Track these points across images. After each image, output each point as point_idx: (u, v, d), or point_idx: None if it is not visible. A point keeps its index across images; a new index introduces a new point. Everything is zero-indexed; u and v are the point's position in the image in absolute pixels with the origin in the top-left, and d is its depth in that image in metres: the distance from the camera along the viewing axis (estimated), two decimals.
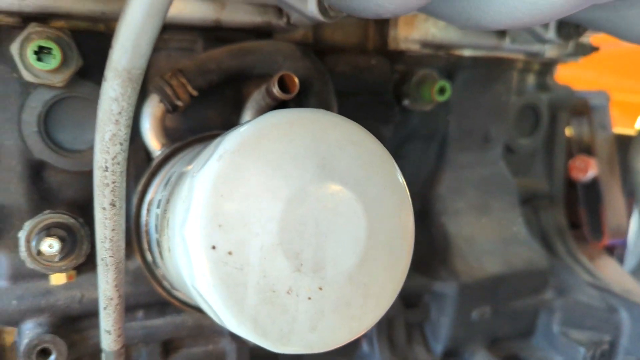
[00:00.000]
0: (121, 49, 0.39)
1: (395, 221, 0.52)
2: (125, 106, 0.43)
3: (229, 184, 0.44)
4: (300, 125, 0.47)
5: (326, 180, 0.47)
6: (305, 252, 0.46)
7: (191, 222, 0.44)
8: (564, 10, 0.49)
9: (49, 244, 0.59)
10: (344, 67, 0.98)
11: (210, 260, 0.43)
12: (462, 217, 1.17)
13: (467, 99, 1.15)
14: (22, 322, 0.78)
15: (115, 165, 0.48)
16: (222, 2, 0.80)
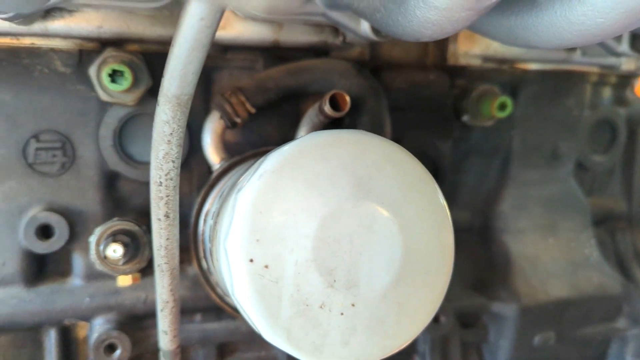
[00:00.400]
0: (170, 78, 0.43)
1: (434, 242, 0.52)
2: (175, 128, 0.47)
3: (267, 201, 0.47)
4: (338, 146, 0.49)
5: (362, 199, 0.49)
6: (339, 269, 0.47)
7: (232, 235, 0.47)
8: (614, 31, 0.47)
9: (113, 249, 0.65)
10: (401, 83, 0.98)
11: (248, 273, 0.46)
12: (526, 236, 1.12)
13: (533, 114, 1.11)
14: (93, 318, 0.85)
15: (169, 181, 0.53)
16: (279, 23, 0.84)
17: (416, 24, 0.45)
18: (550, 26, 0.51)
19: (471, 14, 0.41)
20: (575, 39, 0.51)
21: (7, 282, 0.81)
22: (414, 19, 0.45)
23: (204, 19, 0.38)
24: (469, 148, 1.12)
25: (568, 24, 0.49)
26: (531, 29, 0.53)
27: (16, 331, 0.83)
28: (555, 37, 0.52)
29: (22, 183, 0.82)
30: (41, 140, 0.82)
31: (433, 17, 0.43)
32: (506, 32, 0.57)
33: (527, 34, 0.55)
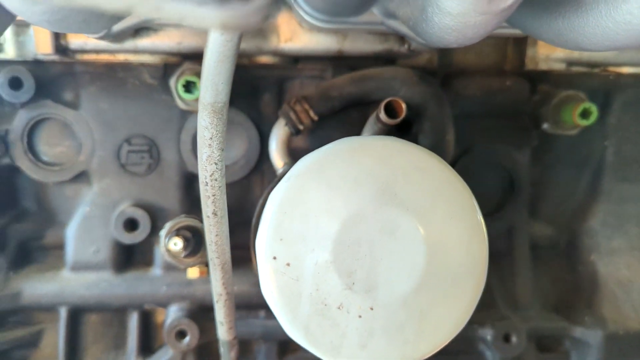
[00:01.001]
0: (204, 88, 0.47)
1: (462, 253, 0.51)
2: (214, 133, 0.52)
3: (292, 203, 0.49)
4: (365, 151, 0.50)
5: (386, 204, 0.49)
6: (359, 271, 0.48)
7: (260, 234, 0.50)
8: None
9: (174, 242, 0.72)
10: (474, 90, 0.95)
11: (271, 269, 0.49)
12: (618, 257, 1.02)
13: (631, 123, 1.01)
14: (169, 305, 0.94)
15: (213, 181, 0.57)
16: (343, 33, 0.86)
17: (437, 30, 0.45)
18: (597, 27, 0.48)
19: (488, 18, 0.40)
20: (625, 40, 0.47)
21: (99, 268, 0.92)
22: (435, 25, 0.45)
23: (224, 34, 0.42)
24: (553, 158, 1.04)
25: (614, 23, 0.46)
26: (579, 31, 0.50)
27: (105, 311, 0.94)
28: (603, 38, 0.48)
29: (116, 181, 0.93)
30: (132, 143, 0.93)
31: (450, 23, 0.42)
32: (556, 35, 0.54)
33: (576, 36, 0.51)
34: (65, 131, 0.93)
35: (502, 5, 0.38)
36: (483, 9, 0.38)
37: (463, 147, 0.96)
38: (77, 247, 0.92)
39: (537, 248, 1.06)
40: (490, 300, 1.01)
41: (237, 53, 0.45)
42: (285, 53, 0.88)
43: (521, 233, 1.01)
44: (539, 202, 1.06)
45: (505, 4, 0.38)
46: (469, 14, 0.40)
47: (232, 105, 0.93)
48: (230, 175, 0.96)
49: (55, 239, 0.96)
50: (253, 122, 0.95)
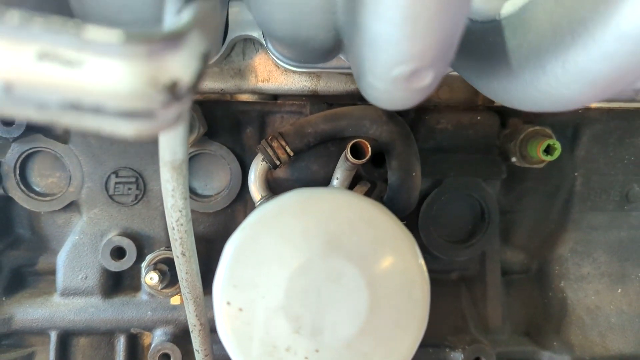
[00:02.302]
0: (162, 149, 0.52)
1: (403, 298, 0.55)
2: (175, 185, 0.57)
3: (246, 251, 0.54)
4: (315, 204, 0.55)
5: (332, 254, 0.53)
6: (306, 316, 0.52)
7: (216, 280, 0.55)
8: (582, 101, 0.47)
9: (150, 277, 0.77)
10: (445, 124, 1.00)
11: (225, 314, 0.53)
12: (587, 283, 1.05)
13: (599, 155, 1.04)
14: (154, 329, 0.98)
15: (179, 226, 0.62)
16: (317, 74, 0.91)
17: (371, 98, 0.50)
18: (524, 92, 0.52)
19: (411, 93, 0.45)
20: (549, 105, 0.51)
21: (88, 293, 0.98)
22: (368, 93, 0.49)
23: None
24: (525, 188, 1.08)
25: (537, 91, 0.50)
26: (511, 93, 0.54)
27: (93, 335, 0.99)
28: (531, 102, 0.52)
29: (104, 211, 0.99)
30: (120, 175, 0.98)
31: (379, 95, 0.47)
32: (493, 94, 0.58)
33: (509, 98, 0.56)
34: (56, 163, 0.99)
35: (420, 85, 0.42)
36: (403, 87, 0.43)
37: (435, 179, 1.00)
38: (66, 273, 0.98)
39: (509, 274, 1.10)
40: (462, 324, 1.05)
41: (188, 118, 0.50)
42: (263, 92, 0.93)
43: (493, 259, 1.05)
44: (512, 229, 1.10)
45: (422, 84, 0.42)
46: (393, 91, 0.44)
47: (216, 139, 0.98)
48: (214, 205, 1.00)
49: (47, 265, 1.02)
50: (236, 155, 1.00)
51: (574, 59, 0.43)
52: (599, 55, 0.41)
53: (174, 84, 0.29)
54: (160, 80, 0.28)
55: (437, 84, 0.46)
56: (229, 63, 0.90)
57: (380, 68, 0.41)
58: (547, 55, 0.46)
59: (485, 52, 0.56)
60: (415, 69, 0.40)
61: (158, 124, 0.31)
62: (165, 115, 0.30)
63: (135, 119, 0.29)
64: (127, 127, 0.30)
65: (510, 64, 0.52)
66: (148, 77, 0.28)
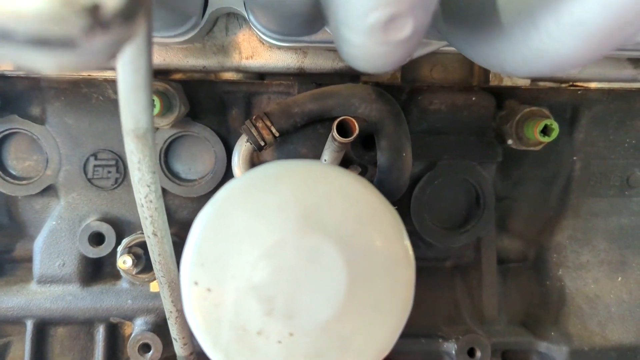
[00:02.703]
0: (123, 116, 0.48)
1: (385, 279, 0.51)
2: (141, 157, 0.52)
3: (215, 227, 0.50)
4: (290, 177, 0.50)
5: (308, 231, 0.49)
6: (279, 298, 0.48)
7: (184, 259, 0.51)
8: (577, 59, 0.43)
9: (123, 260, 0.73)
10: (439, 105, 0.95)
11: (193, 295, 0.49)
12: (587, 272, 1.01)
13: (599, 138, 1.00)
14: (135, 318, 0.95)
15: (149, 203, 0.58)
16: (304, 51, 0.86)
17: (351, 59, 0.46)
18: (516, 53, 0.48)
19: (390, 48, 0.40)
20: (541, 67, 0.47)
21: (65, 281, 0.94)
22: (346, 54, 0.45)
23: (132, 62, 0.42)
24: (522, 173, 1.04)
25: (529, 50, 0.46)
26: (501, 56, 0.50)
27: (71, 324, 0.95)
28: (523, 64, 0.48)
29: (83, 195, 0.95)
30: (99, 158, 0.94)
31: (357, 53, 0.43)
32: (484, 59, 0.54)
33: (500, 62, 0.51)
34: (33, 146, 0.95)
35: (398, 37, 0.38)
36: (381, 39, 0.39)
37: (429, 162, 0.96)
38: (43, 260, 0.94)
39: (505, 262, 1.06)
40: (456, 314, 1.01)
41: (150, 82, 0.46)
42: (248, 69, 0.89)
43: (488, 246, 1.01)
44: (508, 216, 1.06)
45: (401, 35, 0.38)
46: (370, 45, 0.40)
47: (199, 120, 0.94)
48: (198, 189, 0.96)
49: (24, 252, 0.98)
50: (220, 137, 0.96)
51: (568, 11, 0.39)
52: (595, 4, 0.37)
53: (96, 6, 0.25)
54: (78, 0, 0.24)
55: (419, 39, 0.42)
56: (211, 39, 0.86)
57: (353, 16, 0.37)
58: (539, 9, 0.42)
59: (476, 14, 0.52)
60: (392, 15, 0.36)
61: (83, 56, 0.26)
62: (90, 45, 0.26)
63: (53, 47, 0.25)
64: (46, 58, 0.26)
65: (501, 23, 0.47)
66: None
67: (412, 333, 0.97)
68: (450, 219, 0.99)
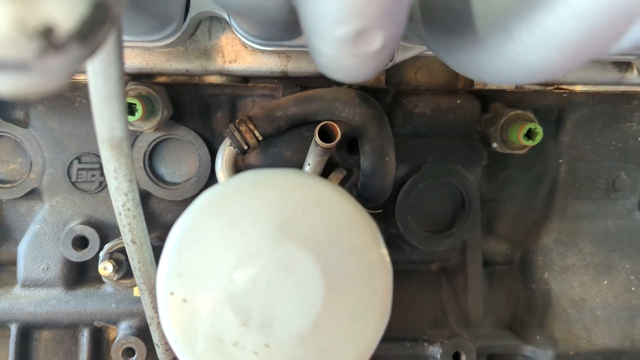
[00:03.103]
0: (98, 124, 0.48)
1: (362, 288, 0.51)
2: (117, 166, 0.52)
3: (190, 237, 0.49)
4: (266, 186, 0.50)
5: (283, 240, 0.49)
6: (254, 308, 0.48)
7: (160, 269, 0.51)
8: (553, 70, 0.43)
9: (104, 267, 0.72)
10: (424, 108, 0.95)
11: (169, 305, 0.49)
12: (572, 275, 1.01)
13: (585, 140, 1.00)
14: (119, 322, 0.94)
15: (126, 211, 0.58)
16: (287, 54, 0.86)
17: (324, 69, 0.45)
18: (491, 62, 0.48)
19: (362, 60, 0.40)
20: (518, 77, 0.47)
21: (49, 285, 0.93)
22: (319, 63, 0.45)
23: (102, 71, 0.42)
24: (508, 176, 1.04)
25: (504, 60, 0.45)
26: (478, 65, 0.50)
27: (56, 328, 0.95)
28: (499, 73, 0.48)
29: (67, 198, 0.94)
30: (82, 161, 0.93)
31: (329, 63, 0.42)
32: (462, 67, 0.54)
33: (477, 70, 0.51)
34: (17, 149, 0.94)
35: (368, 50, 0.38)
36: (351, 52, 0.38)
37: (413, 166, 0.96)
38: (27, 264, 0.93)
39: (491, 265, 1.06)
40: (442, 317, 1.01)
41: (123, 90, 0.46)
42: (231, 73, 0.89)
43: (474, 250, 1.01)
44: (494, 219, 1.06)
45: (371, 48, 0.38)
46: (341, 57, 0.40)
47: (184, 123, 0.94)
48: (183, 192, 0.96)
49: (8, 256, 0.97)
50: (205, 140, 0.95)
51: (542, 21, 0.38)
52: (568, 14, 0.36)
53: (49, 29, 0.24)
54: (30, 23, 0.24)
55: (391, 51, 0.42)
56: (194, 43, 0.85)
57: (323, 28, 0.37)
58: (513, 19, 0.42)
59: (453, 21, 0.52)
60: (360, 28, 0.35)
61: (39, 79, 0.26)
62: (45, 67, 0.25)
63: (7, 71, 0.25)
64: (3, 82, 0.25)
65: (478, 33, 0.47)
66: (12, 18, 0.23)
67: (397, 337, 0.97)
68: (436, 222, 0.99)
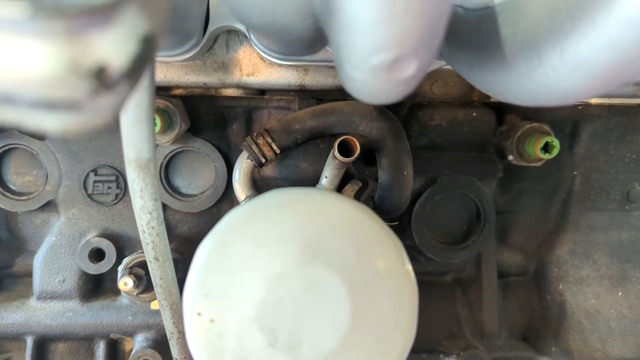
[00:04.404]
0: (126, 146, 0.48)
1: (388, 308, 0.51)
2: (143, 185, 0.52)
3: (217, 258, 0.50)
4: (292, 206, 0.50)
5: (310, 261, 0.49)
6: (281, 329, 0.48)
7: (186, 289, 0.51)
8: (582, 94, 0.43)
9: (124, 282, 0.72)
10: (440, 121, 0.95)
11: (195, 325, 0.49)
12: (587, 286, 1.01)
13: (599, 152, 1.00)
14: (135, 335, 0.94)
15: (150, 229, 0.58)
16: (305, 68, 0.86)
17: (354, 92, 0.46)
18: (519, 85, 0.48)
19: (394, 85, 0.40)
20: (545, 99, 0.47)
21: (65, 297, 0.93)
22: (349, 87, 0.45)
23: (134, 97, 0.42)
24: (523, 187, 1.04)
25: (533, 83, 0.46)
26: (505, 87, 0.50)
27: (72, 340, 0.95)
28: (527, 95, 0.48)
29: (83, 211, 0.94)
30: (99, 174, 0.94)
31: (360, 88, 0.43)
32: (488, 87, 0.54)
33: (503, 91, 0.51)
34: (32, 161, 0.94)
35: (402, 76, 0.38)
36: (384, 78, 0.39)
37: (429, 178, 0.96)
38: (43, 276, 0.94)
39: (506, 276, 1.06)
40: (457, 329, 1.01)
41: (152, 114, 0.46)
42: (249, 86, 0.89)
43: (489, 261, 1.01)
44: (509, 230, 1.06)
45: (405, 75, 0.38)
46: (373, 82, 0.40)
47: (200, 136, 0.94)
48: (199, 204, 0.96)
49: (24, 268, 0.98)
50: (221, 152, 0.95)
51: (574, 48, 0.39)
52: (600, 42, 0.37)
53: (102, 69, 0.24)
54: (83, 64, 0.24)
55: (422, 76, 0.42)
56: (212, 56, 0.86)
57: (358, 56, 0.37)
58: (544, 44, 0.42)
59: (479, 42, 0.52)
60: (396, 57, 0.36)
61: (89, 117, 0.26)
62: (96, 106, 0.26)
63: (57, 110, 0.25)
64: (51, 120, 0.26)
65: (505, 54, 0.47)
66: (67, 59, 0.23)
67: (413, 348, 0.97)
68: (451, 234, 0.99)
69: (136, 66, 0.26)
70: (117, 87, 0.26)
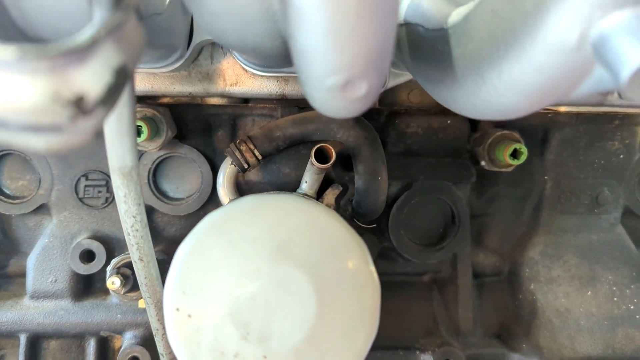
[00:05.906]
0: (110, 156, 0.53)
1: (352, 305, 0.55)
2: (127, 191, 0.57)
3: (195, 258, 0.54)
4: (265, 210, 0.55)
5: (280, 261, 0.54)
6: (253, 323, 0.53)
7: (166, 286, 0.55)
8: (521, 110, 0.48)
9: (112, 282, 0.77)
10: (416, 128, 1.00)
11: (174, 320, 0.54)
12: (557, 286, 1.06)
13: (569, 158, 1.05)
14: (124, 332, 0.99)
15: (135, 232, 0.62)
16: (285, 78, 0.91)
17: (317, 106, 0.50)
18: (467, 100, 0.52)
19: (349, 103, 0.45)
20: (491, 114, 0.51)
21: (57, 296, 0.98)
22: (312, 100, 0.49)
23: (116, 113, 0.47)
24: (496, 191, 1.09)
25: (479, 100, 0.50)
26: (457, 101, 0.55)
27: (63, 338, 0.99)
28: (474, 109, 0.53)
29: (74, 214, 0.99)
30: (89, 178, 0.98)
31: (320, 105, 0.47)
32: (443, 100, 0.59)
33: (456, 104, 0.56)
34: (25, 166, 0.99)
35: (355, 95, 0.43)
36: (339, 97, 0.43)
37: (406, 183, 1.01)
38: (36, 276, 0.98)
39: (481, 276, 1.11)
40: (434, 327, 1.06)
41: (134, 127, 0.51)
42: (232, 95, 0.93)
43: (464, 262, 1.05)
44: (484, 232, 1.10)
45: (357, 94, 0.43)
46: (330, 100, 0.44)
47: (186, 142, 0.98)
48: (186, 207, 1.00)
49: (18, 268, 1.02)
50: (207, 158, 1.00)
51: (508, 70, 0.43)
52: (529, 66, 0.41)
53: (80, 99, 0.29)
54: (64, 95, 0.28)
55: (376, 94, 0.47)
56: (197, 67, 0.90)
57: (313, 79, 0.41)
58: (485, 65, 0.46)
59: (435, 59, 0.56)
60: (346, 80, 0.40)
61: (70, 137, 0.31)
62: (76, 128, 0.30)
63: (43, 133, 0.29)
64: (37, 140, 0.30)
65: (455, 72, 0.52)
66: (49, 92, 0.28)
67: (391, 345, 1.01)
68: (427, 236, 1.04)
69: (111, 94, 0.31)
70: (94, 113, 0.30)
